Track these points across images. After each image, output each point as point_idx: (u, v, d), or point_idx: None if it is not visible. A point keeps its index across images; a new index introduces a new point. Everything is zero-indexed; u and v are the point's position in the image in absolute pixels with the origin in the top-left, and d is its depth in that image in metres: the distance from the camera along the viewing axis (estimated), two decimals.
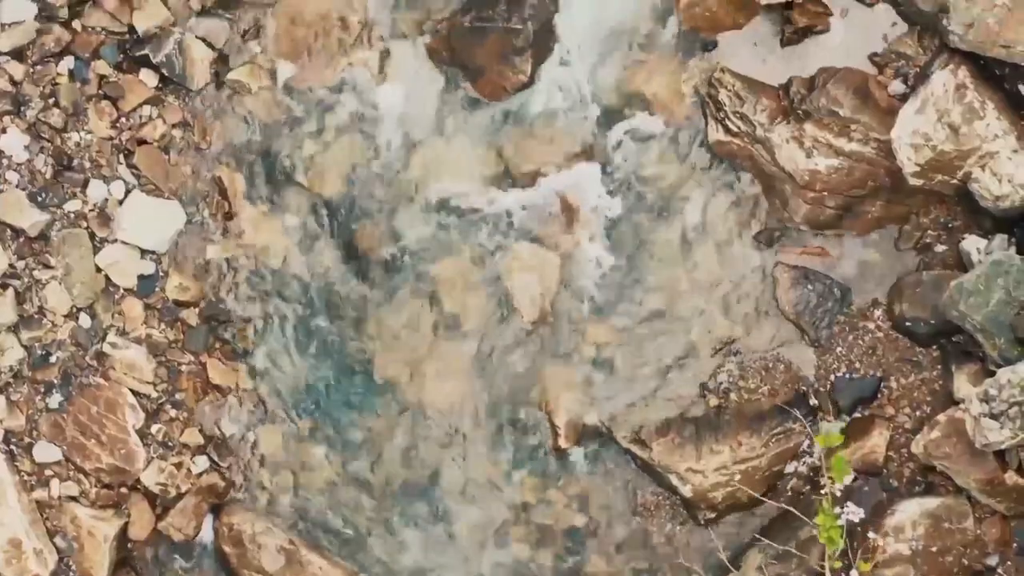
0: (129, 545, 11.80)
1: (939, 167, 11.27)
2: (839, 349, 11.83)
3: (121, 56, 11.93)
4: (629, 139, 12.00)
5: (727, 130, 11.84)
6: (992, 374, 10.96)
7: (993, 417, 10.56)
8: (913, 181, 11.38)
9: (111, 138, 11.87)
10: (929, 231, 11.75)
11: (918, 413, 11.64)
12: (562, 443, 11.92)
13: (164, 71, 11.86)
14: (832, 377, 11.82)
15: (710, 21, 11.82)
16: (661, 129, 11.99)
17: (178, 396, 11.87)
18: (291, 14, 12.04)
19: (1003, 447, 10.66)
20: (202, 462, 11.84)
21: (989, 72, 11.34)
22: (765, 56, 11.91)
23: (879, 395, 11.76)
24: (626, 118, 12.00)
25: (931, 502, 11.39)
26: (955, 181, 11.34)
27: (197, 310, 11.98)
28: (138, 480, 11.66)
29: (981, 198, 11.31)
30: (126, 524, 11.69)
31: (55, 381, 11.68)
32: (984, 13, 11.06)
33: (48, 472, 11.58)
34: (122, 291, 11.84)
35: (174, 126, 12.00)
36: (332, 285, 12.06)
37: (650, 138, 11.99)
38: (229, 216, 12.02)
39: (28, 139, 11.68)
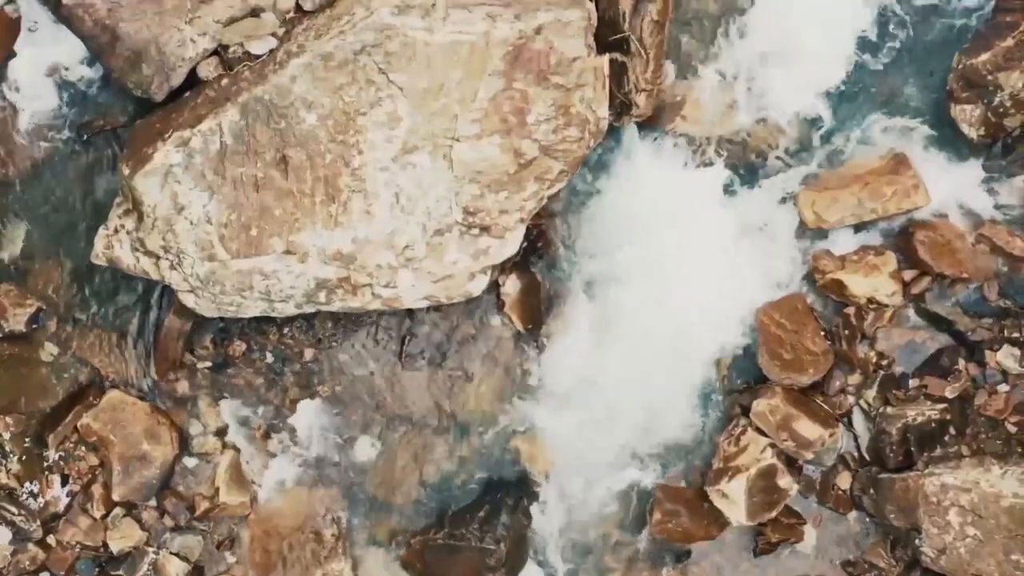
0: None
1: None
2: None
3: (97, 570, 11.95)
4: None
5: None
6: None
7: None
8: None
9: None
10: None
11: None
12: None
13: None
14: None
15: (683, 534, 11.83)
16: None
17: None
18: (265, 526, 12.09)
19: None
20: None
21: None
22: (738, 563, 11.91)
23: None
24: None
25: None
26: None
27: None
28: None
29: None
30: None
31: None
32: (956, 542, 11.09)
33: None
34: None
35: None
36: None
37: None
38: None
39: None
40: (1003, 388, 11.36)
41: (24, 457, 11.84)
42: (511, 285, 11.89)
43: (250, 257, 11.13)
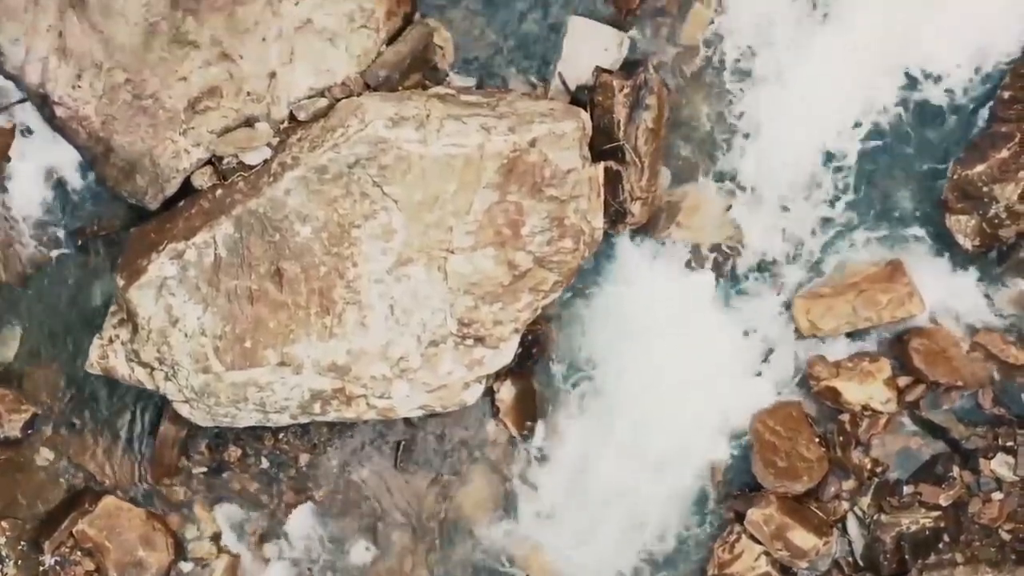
0: None
1: None
2: None
3: None
4: None
5: None
6: None
7: None
8: None
9: None
10: None
11: None
12: None
13: None
14: None
15: None
16: None
17: None
18: None
19: None
20: None
21: None
22: None
23: None
24: None
25: None
26: None
27: None
28: None
29: None
30: None
31: None
32: None
33: None
34: None
35: None
36: None
37: None
38: None
39: None
40: (997, 496, 11.36)
41: (20, 562, 11.86)
42: (505, 391, 11.90)
43: (245, 369, 11.13)
